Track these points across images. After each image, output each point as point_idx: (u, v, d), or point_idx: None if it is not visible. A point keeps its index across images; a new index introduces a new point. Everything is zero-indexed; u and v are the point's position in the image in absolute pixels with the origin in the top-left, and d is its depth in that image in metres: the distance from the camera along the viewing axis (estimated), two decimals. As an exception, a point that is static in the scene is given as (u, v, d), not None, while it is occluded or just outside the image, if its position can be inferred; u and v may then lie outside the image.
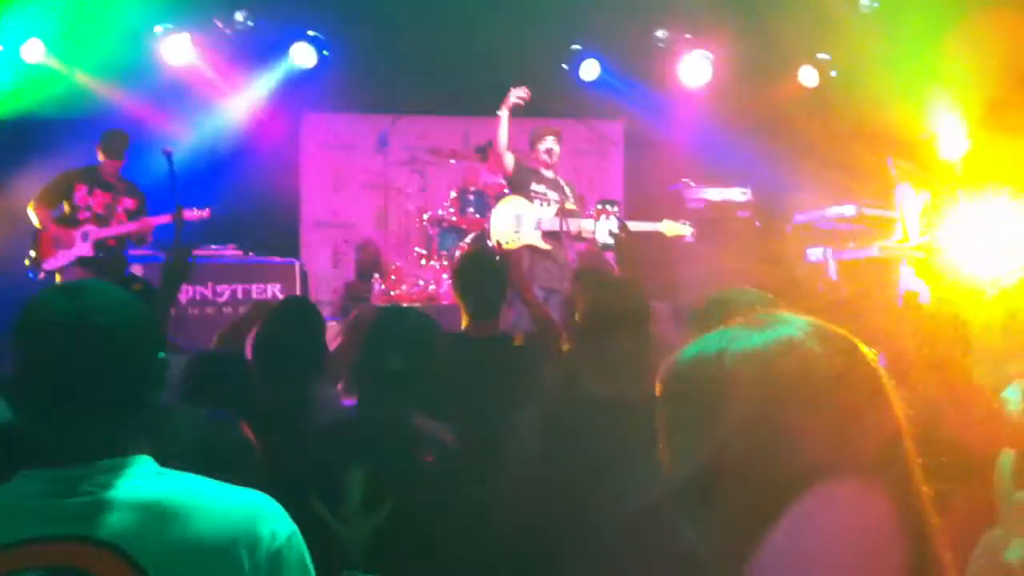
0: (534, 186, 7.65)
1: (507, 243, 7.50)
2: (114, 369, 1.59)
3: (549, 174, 7.74)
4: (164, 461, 1.66)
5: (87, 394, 1.57)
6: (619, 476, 2.60)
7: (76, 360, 1.57)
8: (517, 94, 7.77)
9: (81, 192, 7.62)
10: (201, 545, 1.53)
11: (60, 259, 7.54)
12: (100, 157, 7.66)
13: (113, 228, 7.64)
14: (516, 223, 7.58)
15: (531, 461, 2.99)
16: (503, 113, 7.74)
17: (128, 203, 7.73)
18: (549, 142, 7.75)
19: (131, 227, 7.66)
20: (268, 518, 1.59)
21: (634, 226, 7.69)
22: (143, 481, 1.58)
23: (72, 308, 1.58)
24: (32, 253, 7.57)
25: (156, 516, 1.54)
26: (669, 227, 7.48)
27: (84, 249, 7.58)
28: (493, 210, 7.78)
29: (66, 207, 7.61)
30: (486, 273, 4.25)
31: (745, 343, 1.18)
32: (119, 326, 1.60)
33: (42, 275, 7.53)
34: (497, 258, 4.58)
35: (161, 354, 1.67)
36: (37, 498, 1.54)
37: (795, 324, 1.20)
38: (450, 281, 7.60)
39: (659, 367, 1.26)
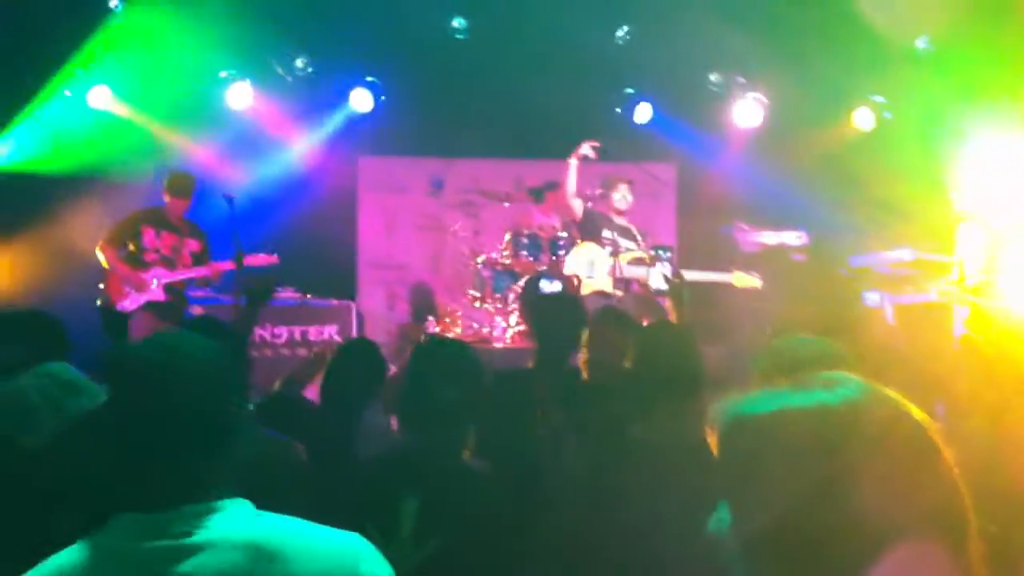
0: (605, 232, 7.87)
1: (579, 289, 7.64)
2: (202, 415, 1.61)
3: (621, 221, 7.97)
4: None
5: (175, 439, 1.59)
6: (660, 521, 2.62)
7: (165, 405, 1.59)
8: (589, 144, 8.03)
9: (149, 234, 7.69)
10: None
11: (132, 301, 7.58)
12: (166, 198, 7.70)
13: (183, 272, 7.70)
14: (589, 268, 7.74)
15: (576, 500, 3.01)
16: (573, 162, 8.09)
17: (193, 245, 7.80)
18: (623, 191, 8.12)
19: (203, 272, 7.71)
20: (369, 560, 1.60)
21: (703, 276, 7.84)
22: (241, 522, 1.59)
23: (162, 356, 1.62)
24: (103, 294, 7.63)
25: (258, 556, 1.54)
26: (739, 278, 7.60)
27: (156, 294, 7.63)
28: (567, 255, 7.96)
29: (131, 247, 7.67)
30: (561, 314, 4.30)
31: (804, 402, 1.21)
32: (207, 374, 1.63)
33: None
34: (576, 301, 4.60)
35: (247, 404, 1.73)
36: (134, 541, 1.55)
37: (853, 386, 1.22)
38: (521, 321, 7.75)
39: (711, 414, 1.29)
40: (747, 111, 9.79)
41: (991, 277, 7.67)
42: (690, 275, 8.52)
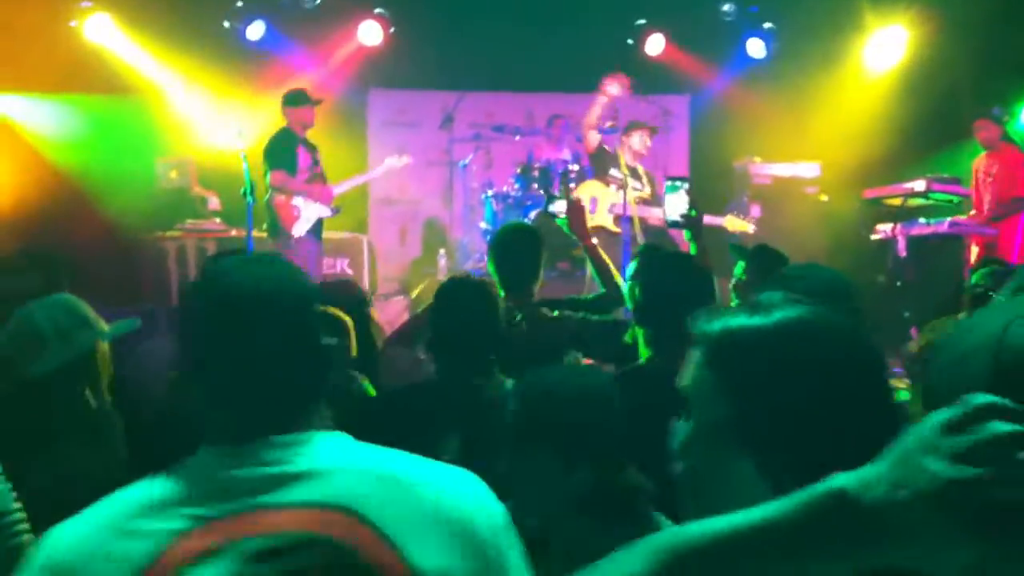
0: (612, 171, 7.87)
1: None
2: (300, 343, 1.49)
3: (632, 163, 7.97)
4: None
5: (271, 368, 1.46)
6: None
7: (263, 333, 1.46)
8: (618, 81, 8.09)
9: (302, 152, 7.72)
10: (443, 516, 1.40)
11: (303, 224, 7.59)
12: (293, 116, 7.70)
13: (344, 184, 7.94)
14: (591, 205, 7.76)
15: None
16: (602, 99, 8.13)
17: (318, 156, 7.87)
18: (643, 137, 8.18)
19: (358, 180, 8.16)
20: (490, 496, 1.49)
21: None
22: (346, 451, 1.47)
23: (256, 281, 1.48)
24: (270, 224, 7.61)
25: (384, 483, 1.42)
26: (732, 222, 7.57)
27: (325, 210, 7.71)
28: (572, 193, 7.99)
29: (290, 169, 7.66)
30: (519, 247, 4.17)
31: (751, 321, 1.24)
32: (304, 302, 1.52)
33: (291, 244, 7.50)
34: (532, 232, 4.49)
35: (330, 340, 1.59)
36: (225, 470, 1.42)
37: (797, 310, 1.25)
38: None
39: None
40: (761, 42, 9.67)
41: (1005, 211, 7.64)
42: None
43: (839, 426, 1.17)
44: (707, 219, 7.87)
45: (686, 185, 4.22)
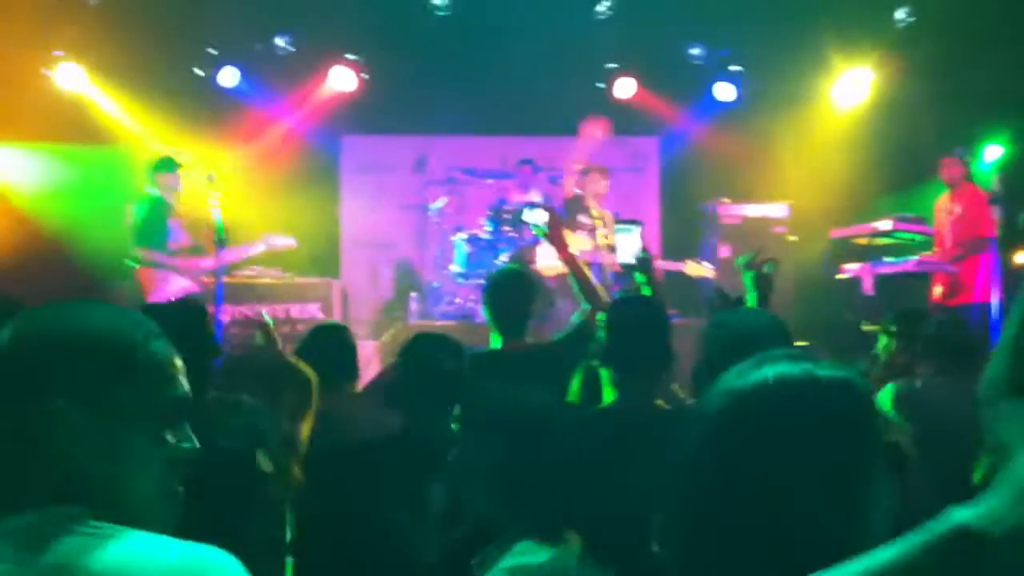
0: (580, 218, 7.98)
1: (548, 271, 7.69)
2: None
3: (595, 210, 8.06)
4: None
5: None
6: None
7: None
8: (598, 124, 8.46)
9: (172, 222, 7.67)
10: None
11: (160, 297, 7.46)
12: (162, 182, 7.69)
13: (227, 253, 7.67)
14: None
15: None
16: (582, 143, 8.46)
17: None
18: (600, 182, 8.36)
19: (242, 253, 7.88)
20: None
21: (657, 264, 8.12)
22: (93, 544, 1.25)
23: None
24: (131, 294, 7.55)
25: None
26: (692, 268, 7.66)
27: (191, 285, 7.63)
28: (540, 246, 8.06)
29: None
30: (512, 289, 4.32)
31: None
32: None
33: None
34: (525, 274, 4.64)
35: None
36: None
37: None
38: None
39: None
40: (729, 85, 9.78)
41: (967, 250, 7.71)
42: None
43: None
44: (667, 264, 8.08)
45: (639, 228, 4.28)
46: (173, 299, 6.76)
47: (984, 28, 8.19)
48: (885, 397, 3.86)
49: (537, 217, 4.59)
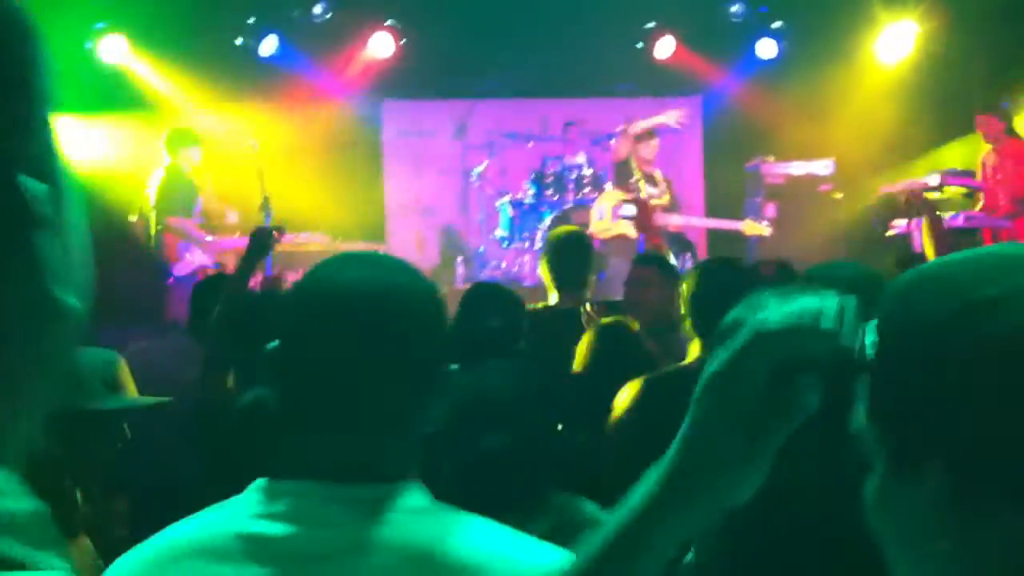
0: (631, 180, 8.01)
1: (602, 233, 7.75)
2: (410, 367, 1.23)
3: (648, 170, 8.18)
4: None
5: (372, 392, 1.21)
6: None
7: (368, 346, 1.21)
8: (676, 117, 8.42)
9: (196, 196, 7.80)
10: None
11: (183, 267, 7.64)
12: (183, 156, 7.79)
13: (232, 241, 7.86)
14: (612, 215, 7.85)
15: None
16: (655, 119, 8.42)
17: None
18: (653, 144, 8.33)
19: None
20: None
21: (713, 224, 8.20)
22: (411, 517, 1.19)
23: (377, 285, 1.23)
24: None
25: (421, 568, 1.15)
26: (749, 226, 7.69)
27: (207, 261, 7.69)
28: (594, 204, 8.08)
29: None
30: (571, 249, 4.46)
31: None
32: (426, 315, 1.26)
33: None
34: (582, 236, 4.77)
35: (452, 365, 1.29)
36: (285, 523, 1.16)
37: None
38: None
39: None
40: (771, 42, 9.68)
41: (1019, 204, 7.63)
42: (700, 222, 8.86)
43: None
44: (725, 223, 8.09)
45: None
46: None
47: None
48: None
49: (629, 211, 4.83)
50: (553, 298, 4.35)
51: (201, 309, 3.92)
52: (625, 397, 3.07)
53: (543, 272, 4.45)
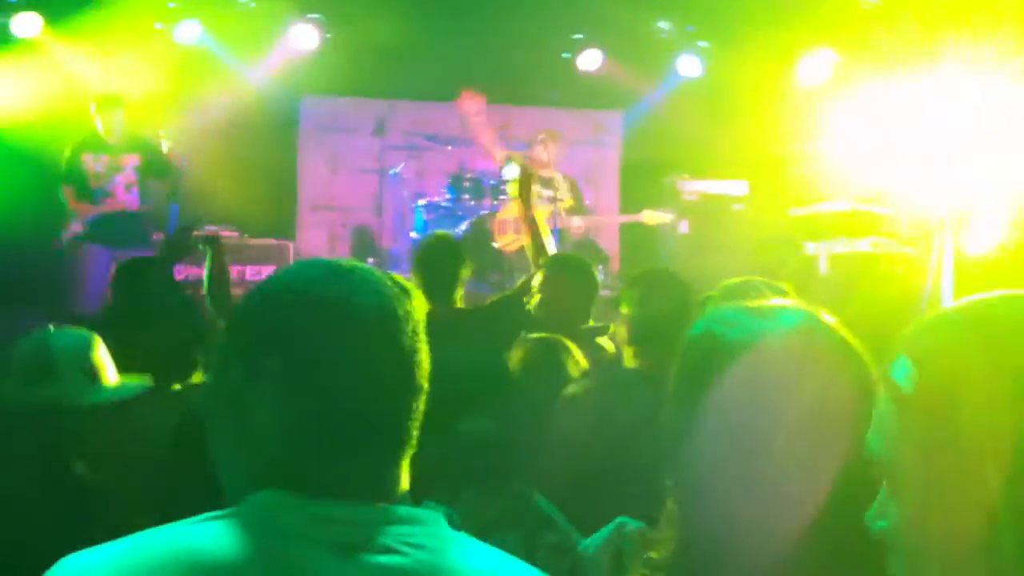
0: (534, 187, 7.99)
1: (507, 244, 7.72)
2: (416, 388, 1.22)
3: (546, 173, 8.01)
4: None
5: (387, 414, 1.19)
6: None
7: (388, 370, 1.19)
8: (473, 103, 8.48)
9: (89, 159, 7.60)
10: None
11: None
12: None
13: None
14: (515, 225, 7.82)
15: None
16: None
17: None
18: (545, 145, 8.30)
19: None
20: None
21: (615, 219, 8.24)
22: (460, 548, 1.17)
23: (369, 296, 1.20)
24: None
25: None
26: (649, 216, 7.75)
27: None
28: (499, 213, 8.03)
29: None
30: (439, 255, 4.44)
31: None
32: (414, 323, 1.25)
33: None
34: (452, 241, 4.71)
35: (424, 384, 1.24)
36: (314, 546, 1.11)
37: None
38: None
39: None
40: (695, 60, 9.75)
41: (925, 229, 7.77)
42: (601, 219, 8.92)
43: None
44: (625, 217, 8.09)
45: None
46: None
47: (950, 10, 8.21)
48: None
49: (512, 172, 4.79)
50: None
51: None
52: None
53: (413, 279, 4.37)
